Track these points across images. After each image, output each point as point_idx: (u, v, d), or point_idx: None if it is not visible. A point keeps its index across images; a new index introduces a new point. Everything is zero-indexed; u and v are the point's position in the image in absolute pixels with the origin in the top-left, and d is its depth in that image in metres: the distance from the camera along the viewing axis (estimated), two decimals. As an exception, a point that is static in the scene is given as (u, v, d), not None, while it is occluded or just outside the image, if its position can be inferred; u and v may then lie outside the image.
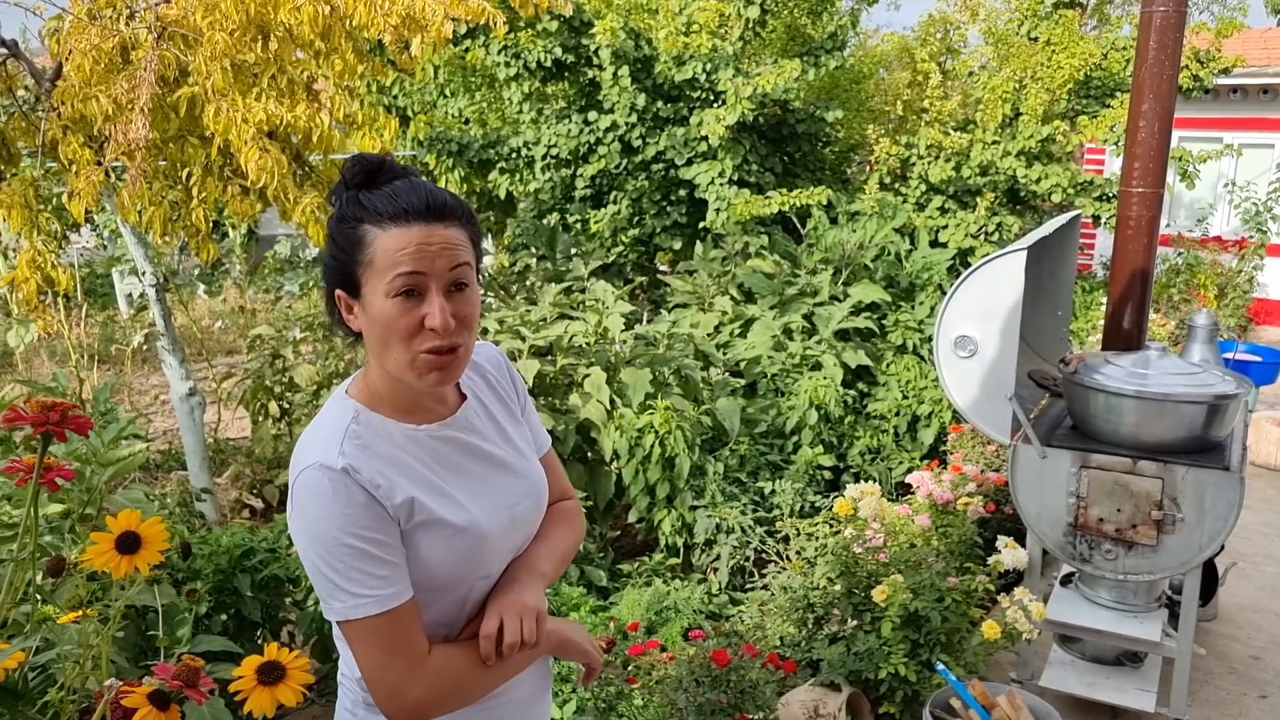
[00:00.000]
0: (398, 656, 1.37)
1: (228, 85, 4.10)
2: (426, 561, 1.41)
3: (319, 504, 1.34)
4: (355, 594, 1.34)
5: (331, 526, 1.33)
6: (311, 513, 1.35)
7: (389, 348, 1.38)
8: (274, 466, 6.46)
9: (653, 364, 5.44)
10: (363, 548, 1.34)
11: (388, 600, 1.35)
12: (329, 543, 1.34)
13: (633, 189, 8.23)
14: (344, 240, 1.38)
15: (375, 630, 1.36)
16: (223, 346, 10.53)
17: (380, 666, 1.37)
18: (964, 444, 5.25)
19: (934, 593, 3.49)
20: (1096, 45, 8.44)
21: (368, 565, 1.34)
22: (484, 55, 8.25)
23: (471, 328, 1.42)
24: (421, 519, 1.40)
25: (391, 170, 1.41)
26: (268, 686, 1.29)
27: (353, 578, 1.34)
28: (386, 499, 1.37)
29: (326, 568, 1.35)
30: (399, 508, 1.38)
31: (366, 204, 1.37)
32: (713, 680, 2.98)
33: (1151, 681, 3.66)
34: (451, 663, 1.42)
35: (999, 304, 3.45)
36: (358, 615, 1.35)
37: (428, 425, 1.47)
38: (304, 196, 4.54)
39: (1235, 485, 3.18)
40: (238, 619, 3.66)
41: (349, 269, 1.38)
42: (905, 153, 8.18)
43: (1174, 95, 3.84)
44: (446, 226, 1.38)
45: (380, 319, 1.36)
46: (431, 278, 1.36)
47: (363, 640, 1.37)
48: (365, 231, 1.36)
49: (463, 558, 1.44)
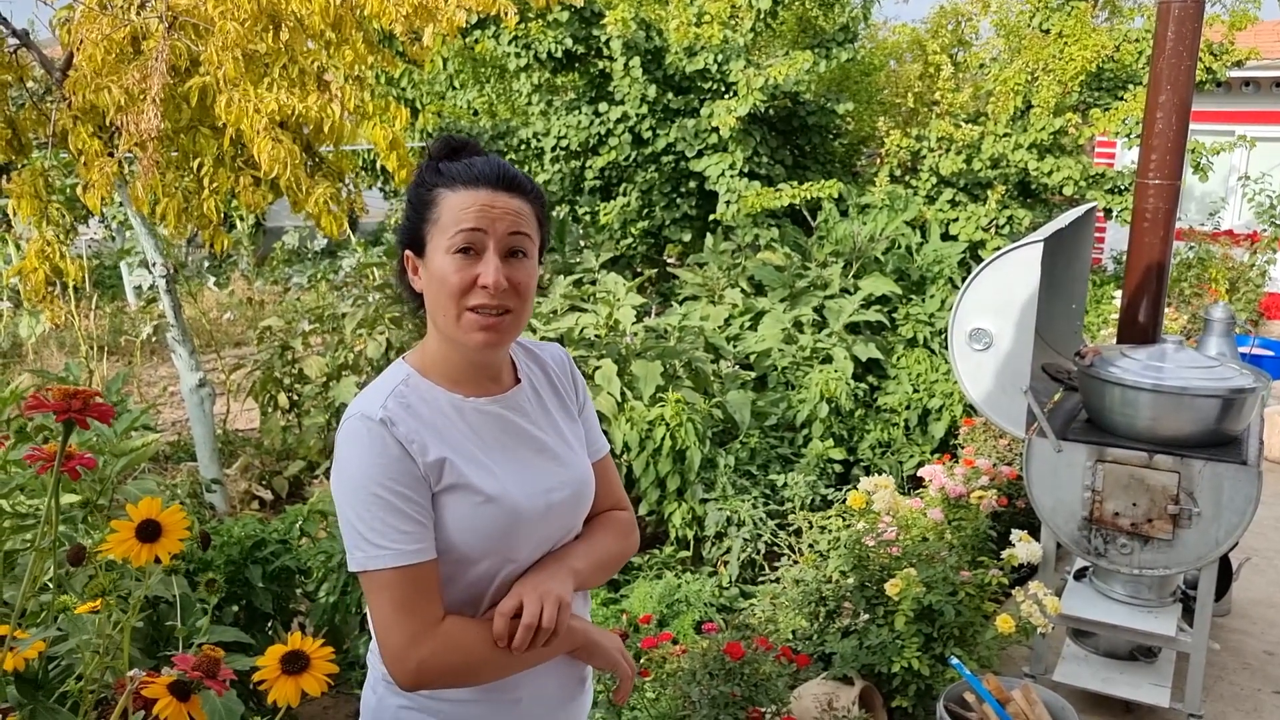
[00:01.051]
0: (409, 615, 1.37)
1: (239, 75, 4.09)
2: (453, 527, 1.42)
3: (354, 452, 1.39)
4: (376, 545, 1.36)
5: (363, 475, 1.37)
6: (346, 461, 1.39)
7: (442, 304, 1.43)
8: (283, 458, 6.46)
9: (663, 356, 5.43)
10: (389, 499, 1.37)
11: (407, 556, 1.37)
12: (359, 491, 1.37)
13: (642, 181, 8.21)
14: (418, 202, 1.46)
15: (390, 585, 1.37)
16: (231, 338, 10.54)
17: (390, 623, 1.37)
18: (976, 437, 5.23)
19: (947, 586, 3.48)
20: (1109, 37, 8.38)
21: (392, 518, 1.36)
22: (494, 46, 8.23)
23: (525, 297, 1.46)
24: (452, 481, 1.42)
25: (474, 148, 1.49)
26: (292, 676, 1.28)
27: (376, 528, 1.36)
28: (419, 455, 1.40)
29: (354, 516, 1.38)
30: (431, 466, 1.40)
31: (444, 171, 1.45)
32: (726, 673, 2.97)
33: (1166, 676, 3.65)
34: (464, 635, 1.41)
35: (1014, 296, 3.42)
36: (375, 566, 1.36)
37: (475, 398, 1.50)
38: (316, 187, 4.53)
39: (1253, 479, 3.16)
40: (249, 610, 3.66)
41: (418, 229, 1.46)
42: (916, 145, 8.14)
43: (1191, 86, 3.80)
44: (513, 196, 1.45)
45: (438, 274, 1.42)
46: (490, 237, 1.42)
47: (378, 594, 1.38)
48: (437, 194, 1.44)
49: (491, 530, 1.44)
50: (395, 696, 1.47)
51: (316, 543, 3.91)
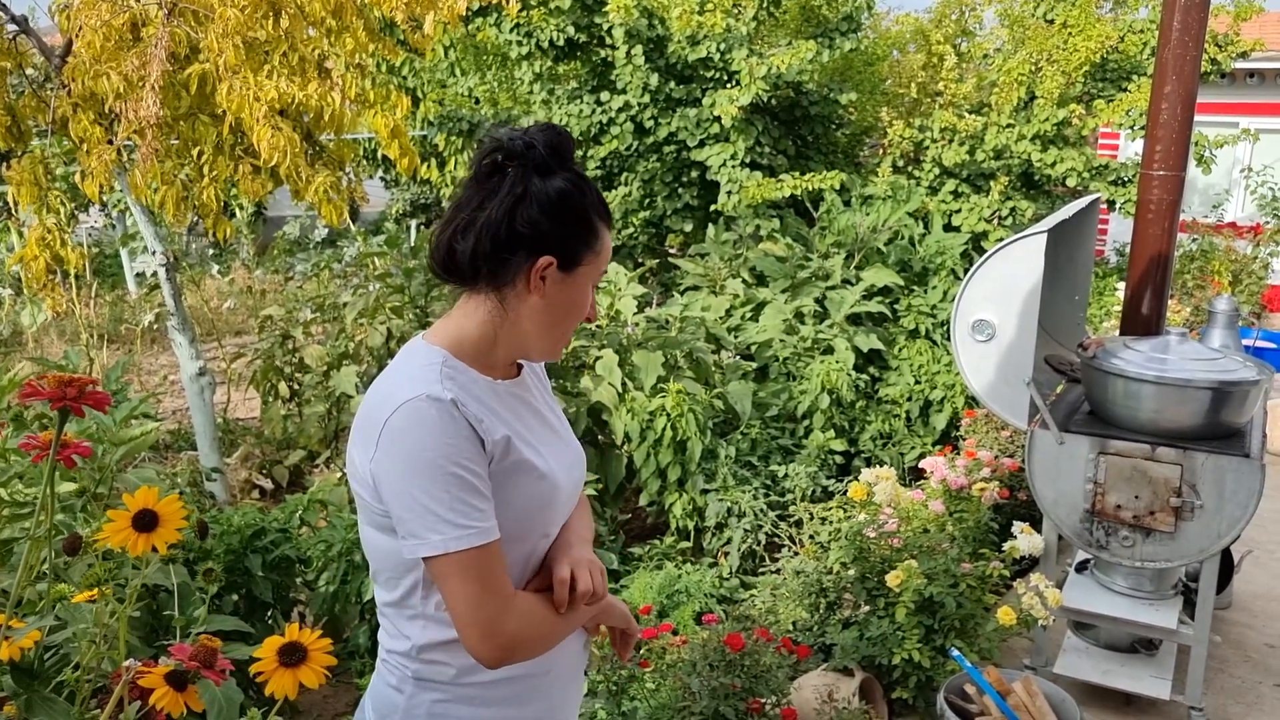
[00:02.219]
0: (495, 591, 1.38)
1: (239, 62, 4.06)
2: (510, 505, 1.43)
3: (425, 433, 1.35)
4: (459, 525, 1.35)
5: (438, 455, 1.35)
6: (415, 442, 1.36)
7: (559, 324, 1.51)
8: (284, 447, 6.45)
9: (664, 347, 5.41)
10: (468, 478, 1.36)
11: (488, 534, 1.38)
12: (433, 472, 1.34)
13: (644, 170, 8.18)
14: (578, 222, 1.46)
15: (475, 564, 1.36)
16: (231, 327, 10.53)
17: (477, 603, 1.37)
18: (978, 429, 5.22)
19: (948, 578, 3.47)
20: (1113, 28, 8.34)
21: (471, 497, 1.36)
22: (496, 34, 8.19)
23: None
24: (514, 458, 1.44)
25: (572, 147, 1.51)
26: (289, 668, 1.27)
27: (457, 509, 1.35)
28: (487, 435, 1.40)
29: (427, 498, 1.35)
30: (497, 444, 1.42)
31: (591, 197, 1.48)
32: (726, 664, 2.96)
33: (1166, 669, 3.64)
34: (535, 605, 1.46)
35: (1018, 287, 3.41)
36: (461, 547, 1.35)
37: (503, 380, 1.53)
38: (316, 176, 4.51)
39: (1256, 472, 3.15)
40: (249, 599, 3.65)
41: (577, 248, 1.46)
42: (919, 136, 8.10)
43: (1197, 77, 3.78)
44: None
45: (579, 301, 1.50)
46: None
47: (462, 574, 1.36)
48: (598, 225, 1.48)
49: (538, 506, 1.49)
50: (428, 691, 1.47)
51: (316, 532, 3.91)
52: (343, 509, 4.38)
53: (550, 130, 1.46)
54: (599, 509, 4.67)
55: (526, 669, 1.50)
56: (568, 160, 1.47)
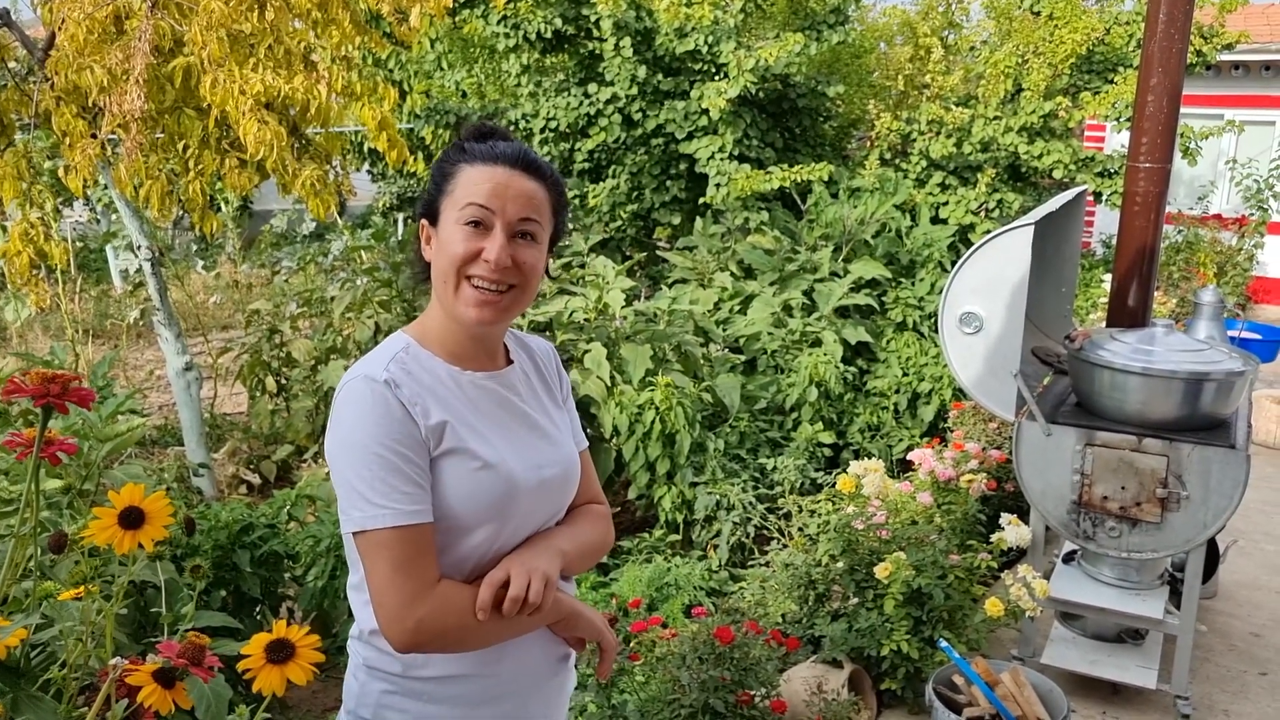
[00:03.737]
0: (407, 576, 1.37)
1: (224, 55, 4.04)
2: (451, 492, 1.43)
3: (358, 412, 1.40)
4: (376, 504, 1.36)
5: (366, 435, 1.38)
6: (349, 420, 1.40)
7: (443, 272, 1.46)
8: (271, 442, 6.43)
9: (653, 340, 5.41)
10: (392, 459, 1.37)
11: (407, 516, 1.37)
12: (361, 450, 1.38)
13: (632, 163, 8.17)
14: (438, 175, 1.51)
15: (389, 544, 1.37)
16: (218, 321, 10.48)
17: (388, 583, 1.37)
18: (965, 421, 5.23)
19: (937, 570, 3.48)
20: (1099, 20, 8.36)
21: (393, 478, 1.37)
22: (483, 26, 8.16)
23: (529, 278, 1.49)
24: (452, 445, 1.43)
25: (503, 134, 1.54)
26: (277, 665, 1.27)
27: (377, 487, 1.37)
28: (421, 418, 1.41)
29: (354, 475, 1.38)
30: (432, 429, 1.42)
31: (467, 149, 1.49)
32: (716, 657, 2.97)
33: (1153, 658, 3.66)
34: (459, 598, 1.41)
35: (1005, 279, 3.42)
36: (374, 525, 1.36)
37: (472, 372, 1.52)
38: (303, 169, 4.49)
39: (1241, 463, 3.17)
40: (237, 595, 3.64)
41: (434, 200, 1.50)
42: (906, 128, 8.11)
43: (1183, 69, 3.79)
44: (530, 178, 1.48)
45: (446, 243, 1.46)
46: (499, 217, 1.45)
47: (376, 554, 1.38)
48: (457, 168, 1.48)
49: (486, 496, 1.46)
50: (377, 682, 1.48)
51: (305, 527, 3.90)
52: (331, 504, 4.36)
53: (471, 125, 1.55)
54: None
55: (475, 669, 1.48)
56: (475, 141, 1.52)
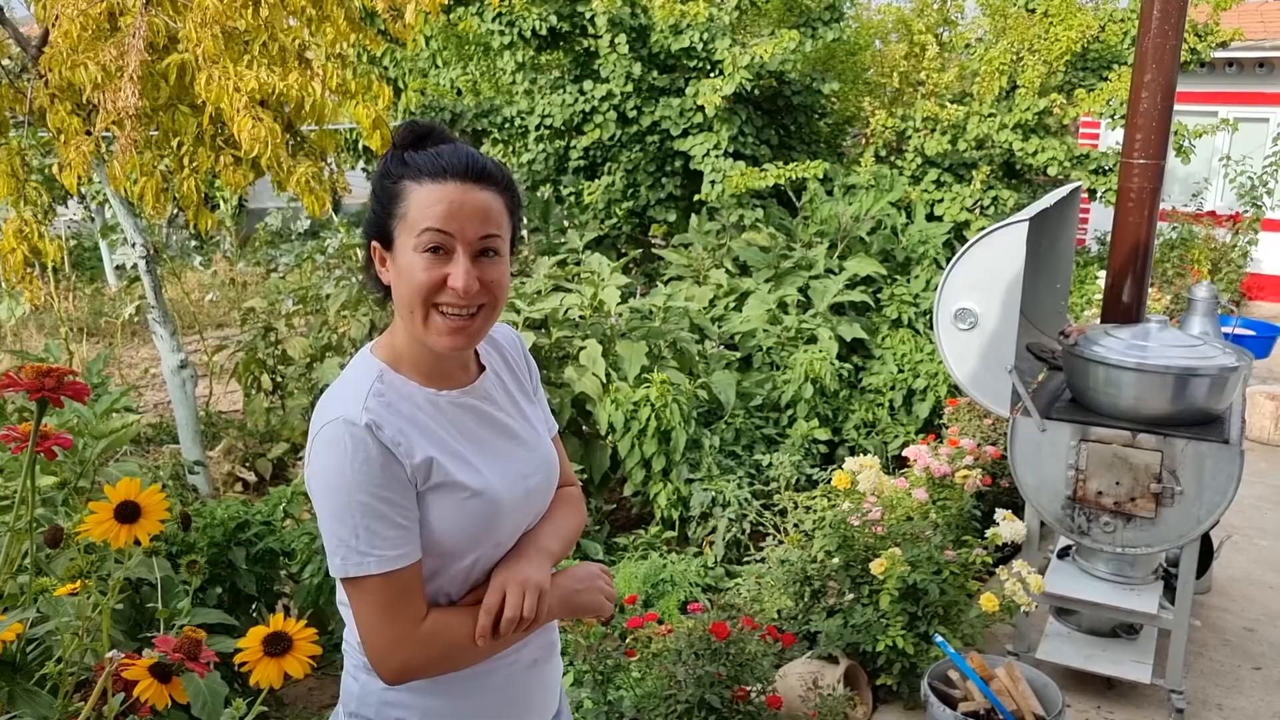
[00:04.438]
0: (393, 619, 1.37)
1: (218, 52, 4.03)
2: (440, 525, 1.42)
3: (338, 458, 1.34)
4: (361, 551, 1.35)
5: (347, 482, 1.34)
6: (331, 466, 1.35)
7: (412, 305, 1.39)
8: (267, 440, 6.43)
9: (648, 337, 5.42)
10: (376, 506, 1.35)
11: (392, 561, 1.36)
12: (343, 498, 1.34)
13: (627, 160, 8.17)
14: (384, 194, 1.41)
15: (375, 590, 1.36)
16: (214, 319, 10.46)
17: (374, 627, 1.38)
18: (960, 417, 5.24)
19: (932, 565, 3.49)
20: (1094, 17, 8.37)
21: (378, 525, 1.35)
22: (478, 24, 8.15)
23: (497, 295, 1.43)
24: (438, 480, 1.41)
25: (440, 135, 1.44)
26: (274, 658, 1.27)
27: (361, 535, 1.34)
28: (406, 458, 1.37)
29: (337, 522, 1.35)
30: (418, 468, 1.39)
31: (409, 161, 1.40)
32: (711, 653, 2.97)
33: (1147, 653, 3.68)
34: (446, 629, 1.42)
35: (999, 276, 3.42)
36: (360, 573, 1.35)
37: (448, 391, 1.49)
38: (298, 166, 4.48)
39: (1235, 458, 3.18)
40: (233, 592, 3.64)
41: (385, 222, 1.41)
42: (901, 125, 8.12)
43: (1177, 65, 3.80)
44: (483, 189, 1.40)
45: (406, 273, 1.38)
46: (459, 239, 1.38)
47: (361, 599, 1.38)
48: (404, 187, 1.39)
49: (476, 524, 1.45)
50: (378, 681, 1.47)
51: (300, 524, 3.90)
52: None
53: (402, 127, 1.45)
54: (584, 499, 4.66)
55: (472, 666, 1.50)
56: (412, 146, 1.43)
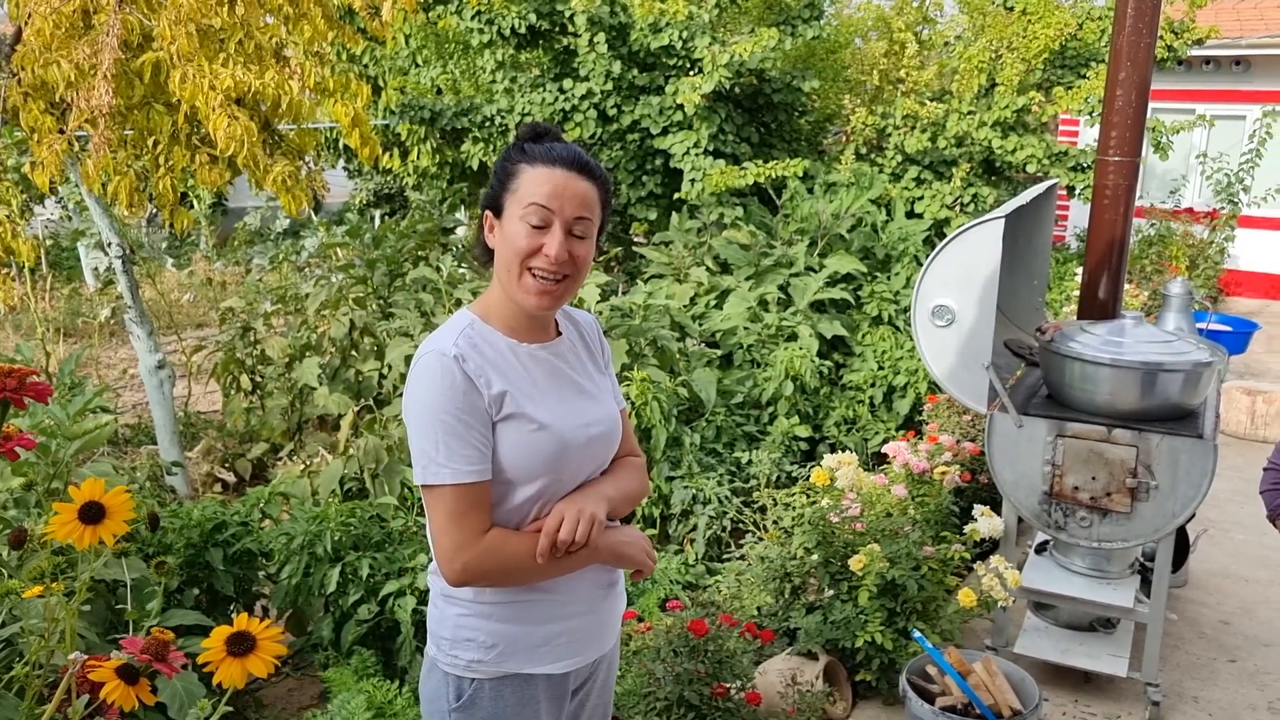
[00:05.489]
0: (458, 526, 1.61)
1: (193, 50, 4.01)
2: (509, 452, 1.65)
3: (428, 382, 1.61)
4: (439, 463, 1.60)
5: (434, 403, 1.60)
6: (421, 389, 1.62)
7: (508, 262, 1.66)
8: (246, 440, 6.39)
9: (628, 335, 5.41)
10: (456, 426, 1.60)
11: (462, 475, 1.60)
12: (429, 416, 1.60)
13: (608, 159, 8.16)
14: (502, 173, 1.69)
15: (444, 498, 1.61)
16: (192, 319, 10.39)
17: (443, 529, 1.62)
18: (940, 414, 5.26)
19: (910, 561, 3.51)
20: (1072, 15, 8.41)
21: (455, 442, 1.60)
22: (456, 22, 8.12)
23: (581, 269, 1.71)
24: (510, 411, 1.65)
25: (555, 135, 1.72)
26: (237, 658, 1.26)
27: (440, 449, 1.59)
28: (485, 388, 1.63)
29: (421, 437, 1.61)
30: (494, 399, 1.63)
31: (528, 150, 1.68)
32: (690, 650, 2.97)
33: (1124, 647, 3.70)
34: (505, 545, 1.65)
35: (976, 273, 3.44)
36: (435, 481, 1.61)
37: (528, 344, 1.74)
38: (275, 165, 4.46)
39: (1209, 453, 3.20)
40: (210, 593, 3.62)
41: (499, 195, 1.69)
42: (881, 123, 8.14)
43: (1151, 64, 3.83)
44: (584, 179, 1.68)
45: (510, 238, 1.66)
46: (558, 216, 1.65)
47: (435, 505, 1.63)
48: (520, 168, 1.67)
49: (541, 455, 1.67)
50: (453, 607, 1.72)
51: (279, 524, 3.87)
52: (305, 501, 4.35)
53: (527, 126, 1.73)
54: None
55: (534, 595, 1.72)
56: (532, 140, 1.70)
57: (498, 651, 1.71)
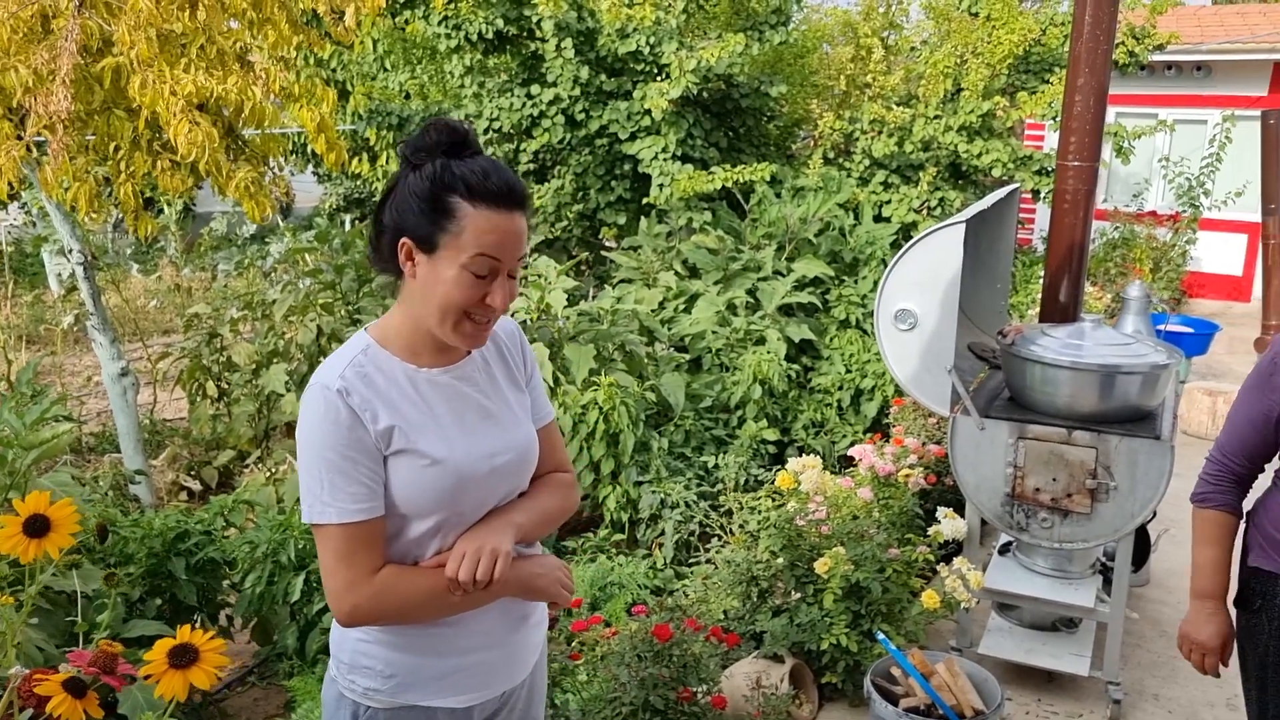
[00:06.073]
0: (347, 565, 1.53)
1: (154, 55, 3.97)
2: (400, 488, 1.57)
3: (312, 417, 1.53)
4: (324, 501, 1.52)
5: (318, 438, 1.52)
6: (306, 424, 1.54)
7: (444, 310, 1.55)
8: (212, 448, 6.34)
9: (597, 340, 5.42)
10: (339, 463, 1.52)
11: (348, 514, 1.52)
12: (313, 452, 1.53)
13: (577, 164, 8.16)
14: (434, 202, 1.52)
15: (332, 537, 1.53)
16: (159, 326, 10.29)
17: (330, 570, 1.54)
18: (906, 417, 5.30)
19: (875, 564, 3.53)
20: (1035, 21, 8.50)
21: (339, 480, 1.52)
22: (424, 27, 8.10)
23: (508, 304, 1.61)
24: (401, 446, 1.56)
25: (474, 144, 1.57)
26: (180, 669, 1.25)
27: (325, 487, 1.52)
28: (372, 423, 1.54)
29: (307, 474, 1.54)
30: (382, 434, 1.55)
31: (460, 175, 1.52)
32: (655, 655, 2.98)
33: (1086, 646, 3.74)
34: (399, 584, 1.57)
35: (938, 277, 3.47)
36: (319, 521, 1.53)
37: (429, 369, 1.64)
38: (238, 171, 4.44)
39: (1166, 454, 3.25)
40: (174, 603, 3.59)
41: (431, 229, 1.53)
42: (849, 128, 8.19)
43: (1109, 70, 3.88)
44: (521, 214, 1.56)
45: (450, 286, 1.53)
46: (504, 264, 1.55)
47: (322, 544, 1.55)
48: (458, 204, 1.52)
49: (434, 490, 1.58)
50: (351, 630, 1.64)
51: (243, 532, 3.85)
52: (270, 509, 4.31)
53: (426, 128, 1.55)
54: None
55: (432, 626, 1.64)
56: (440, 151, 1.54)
57: (395, 682, 1.64)
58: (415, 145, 1.55)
